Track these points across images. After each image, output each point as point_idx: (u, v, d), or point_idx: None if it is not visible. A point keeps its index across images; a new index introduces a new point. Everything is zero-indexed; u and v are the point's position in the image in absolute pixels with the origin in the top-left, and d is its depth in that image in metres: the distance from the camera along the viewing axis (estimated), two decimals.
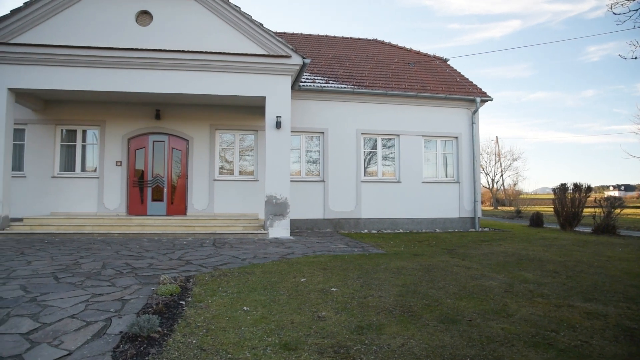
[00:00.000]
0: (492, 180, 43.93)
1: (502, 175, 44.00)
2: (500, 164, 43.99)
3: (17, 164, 12.58)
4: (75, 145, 13.16)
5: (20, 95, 11.41)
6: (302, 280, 5.92)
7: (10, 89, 10.77)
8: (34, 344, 3.59)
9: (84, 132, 13.24)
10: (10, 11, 10.44)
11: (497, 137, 46.58)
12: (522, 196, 37.15)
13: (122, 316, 4.27)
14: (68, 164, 13.12)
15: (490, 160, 44.30)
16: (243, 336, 3.76)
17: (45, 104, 12.79)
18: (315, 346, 3.57)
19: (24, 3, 10.51)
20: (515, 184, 43.33)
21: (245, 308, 4.57)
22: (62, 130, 13.14)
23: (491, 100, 14.83)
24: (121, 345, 3.56)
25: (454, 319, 4.32)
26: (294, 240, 10.69)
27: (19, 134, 12.59)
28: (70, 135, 13.21)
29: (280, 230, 11.16)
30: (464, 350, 3.54)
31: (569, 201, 15.23)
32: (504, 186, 44.13)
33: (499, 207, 38.01)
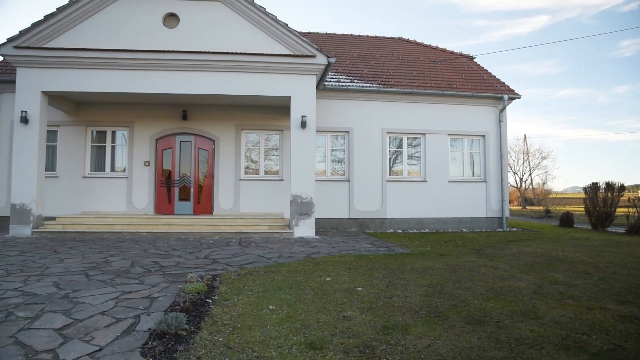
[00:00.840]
0: (520, 179, 43.14)
1: (530, 174, 43.17)
2: (529, 162, 43.17)
3: (50, 165, 12.95)
4: (105, 146, 13.48)
5: (53, 98, 11.74)
6: (328, 279, 5.92)
7: (43, 92, 11.11)
8: (66, 339, 3.69)
9: (114, 133, 13.55)
10: (44, 17, 10.75)
11: (525, 135, 45.69)
12: (551, 195, 36.32)
13: (151, 313, 4.35)
14: (98, 164, 13.44)
15: (518, 159, 43.53)
16: (269, 335, 3.79)
17: (76, 106, 13.13)
18: (340, 346, 3.57)
19: (57, 8, 10.81)
20: (544, 183, 42.41)
21: (270, 307, 4.60)
22: (92, 131, 13.47)
23: (519, 97, 14.55)
24: (150, 342, 3.62)
25: (481, 320, 4.26)
26: (319, 239, 10.71)
27: (51, 135, 12.97)
28: (101, 136, 13.53)
29: (305, 229, 11.19)
30: (492, 352, 3.49)
31: (601, 200, 14.82)
32: (532, 185, 43.28)
33: (527, 207, 37.25)
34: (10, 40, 10.71)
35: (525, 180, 43.38)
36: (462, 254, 8.48)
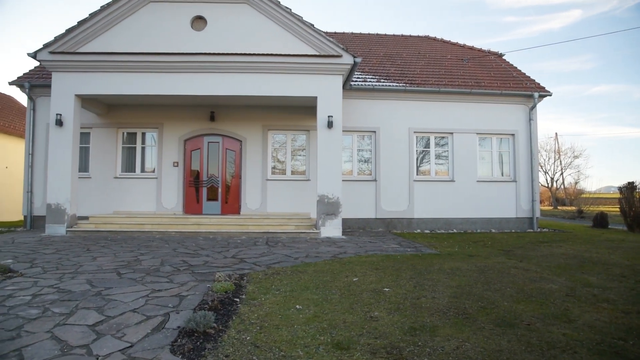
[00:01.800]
0: (552, 178, 42.10)
1: (562, 174, 42.10)
2: (560, 161, 42.10)
3: (84, 166, 13.31)
4: (135, 147, 13.77)
5: (86, 101, 12.07)
6: (354, 279, 5.91)
7: (77, 95, 11.43)
8: (99, 335, 3.80)
9: (144, 134, 13.84)
10: (77, 22, 11.06)
11: (556, 133, 44.60)
12: (584, 195, 35.35)
13: (180, 312, 4.42)
14: (129, 165, 13.75)
15: (549, 158, 42.49)
16: (296, 334, 3.81)
17: (108, 109, 13.46)
18: (367, 346, 3.56)
19: (89, 14, 11.11)
20: (576, 183, 41.31)
21: (297, 306, 4.62)
22: (123, 132, 13.79)
23: (550, 95, 14.22)
24: (179, 340, 3.69)
25: (511, 322, 4.18)
26: (345, 239, 10.70)
27: (84, 137, 13.33)
28: (131, 137, 13.83)
29: (332, 229, 11.20)
30: (522, 355, 3.42)
31: (638, 200, 14.36)
32: (564, 185, 42.19)
33: (558, 207, 36.38)
34: (46, 46, 11.06)
35: (557, 180, 42.36)
36: (491, 255, 8.35)
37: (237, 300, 4.86)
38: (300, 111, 13.46)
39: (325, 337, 3.75)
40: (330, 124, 11.33)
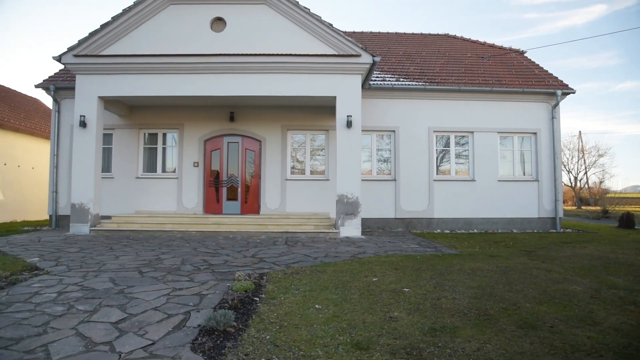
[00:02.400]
0: (575, 178, 41.23)
1: (586, 173, 41.21)
2: (584, 160, 41.22)
3: (106, 166, 13.55)
4: (156, 148, 13.97)
5: (109, 102, 12.28)
6: (374, 279, 5.89)
7: (100, 97, 11.65)
8: (122, 333, 3.87)
9: (164, 135, 14.02)
10: (100, 26, 11.27)
11: (580, 131, 43.68)
12: (609, 195, 34.56)
13: (200, 310, 4.47)
14: (150, 165, 13.94)
15: (572, 157, 41.61)
16: (315, 334, 3.81)
17: (130, 110, 13.67)
18: (387, 347, 3.55)
19: (111, 17, 11.31)
20: (601, 182, 40.37)
21: (317, 306, 4.63)
22: (144, 133, 13.99)
23: (573, 92, 13.94)
24: (199, 338, 3.73)
25: (533, 324, 4.12)
26: (365, 239, 10.67)
27: (107, 138, 13.56)
28: (152, 138, 14.03)
29: (351, 229, 11.18)
30: (545, 358, 3.37)
31: None
32: (588, 184, 41.29)
33: (582, 207, 35.65)
34: (70, 49, 11.29)
35: (581, 179, 41.48)
36: (513, 256, 8.23)
37: (257, 299, 4.89)
38: (319, 111, 13.47)
39: (344, 337, 3.74)
40: (349, 124, 11.31)
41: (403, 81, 13.83)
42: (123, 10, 11.32)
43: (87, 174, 11.45)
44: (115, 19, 11.28)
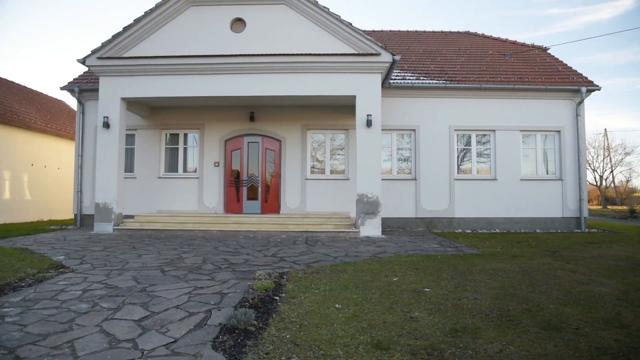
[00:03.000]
0: (600, 177, 40.26)
1: (612, 172, 40.22)
2: (610, 159, 40.23)
3: (129, 166, 13.77)
4: (177, 148, 14.14)
5: (131, 104, 12.48)
6: (394, 279, 5.86)
7: (122, 98, 11.84)
8: (145, 330, 3.93)
9: (186, 135, 14.18)
10: (123, 28, 11.46)
11: (605, 129, 42.49)
12: (636, 194, 33.77)
13: (221, 309, 4.51)
14: (172, 165, 14.13)
15: (597, 155, 40.64)
16: (335, 333, 3.81)
17: (152, 111, 13.86)
18: (407, 347, 3.52)
19: (134, 20, 11.49)
20: (627, 181, 39.45)
21: (337, 306, 4.62)
22: (166, 134, 14.18)
23: (599, 89, 13.64)
24: (220, 336, 3.77)
25: (557, 326, 4.04)
26: (385, 239, 10.63)
27: (130, 138, 13.78)
28: (174, 138, 14.21)
29: (371, 228, 11.14)
30: None
31: None
32: (614, 183, 40.34)
33: (608, 207, 34.88)
34: (94, 52, 11.51)
35: (606, 178, 40.50)
36: (536, 256, 8.10)
37: (277, 298, 4.91)
38: (339, 110, 13.46)
39: (364, 337, 3.73)
40: (369, 123, 11.27)
41: (423, 80, 13.72)
42: (145, 12, 11.49)
43: (111, 174, 11.65)
44: (137, 21, 11.46)
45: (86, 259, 7.46)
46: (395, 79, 13.53)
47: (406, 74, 14.12)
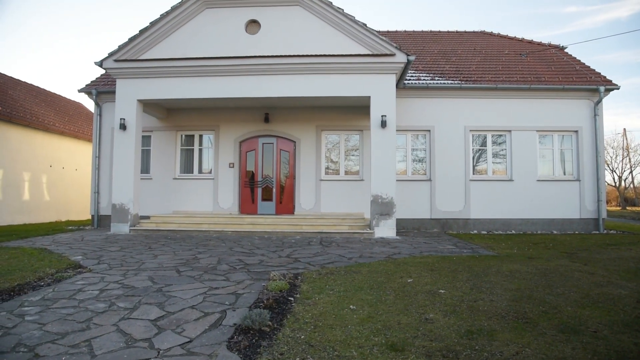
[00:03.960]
0: (620, 177, 39.61)
1: (631, 172, 39.53)
2: (629, 159, 39.55)
3: (145, 167, 13.93)
4: (193, 149, 14.26)
5: (147, 105, 12.61)
6: (409, 280, 5.83)
7: (139, 100, 11.97)
8: (160, 330, 3.97)
9: (201, 136, 14.30)
10: (139, 31, 11.59)
11: (624, 129, 41.81)
12: None
13: (236, 309, 4.54)
14: (187, 167, 14.25)
15: (616, 156, 40.00)
16: (350, 334, 3.81)
17: (167, 112, 14.00)
18: (422, 348, 3.50)
19: (150, 22, 11.62)
20: None
21: (351, 307, 4.62)
22: (181, 135, 14.31)
23: (618, 88, 13.42)
24: (235, 337, 3.78)
25: (575, 328, 3.98)
26: (400, 240, 10.58)
27: (146, 140, 13.94)
28: (189, 139, 14.33)
29: (386, 229, 11.11)
30: None
31: None
32: (633, 184, 39.69)
33: (627, 208, 34.30)
34: (111, 54, 11.66)
35: (625, 179, 39.85)
36: (553, 258, 7.99)
37: (292, 299, 4.92)
38: (353, 111, 13.45)
39: (379, 338, 3.72)
40: (383, 124, 11.24)
41: (438, 80, 13.64)
42: (161, 15, 11.61)
43: (127, 175, 11.79)
44: (153, 24, 11.58)
45: (103, 259, 7.56)
46: (410, 80, 13.48)
47: (421, 74, 14.05)
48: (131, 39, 11.59)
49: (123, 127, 11.79)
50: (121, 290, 5.32)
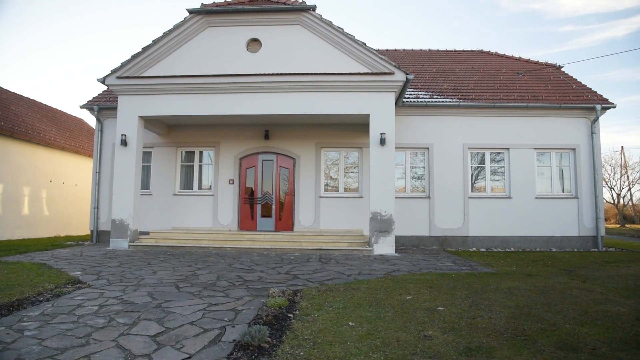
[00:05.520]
0: (618, 195, 39.65)
1: (629, 189, 39.62)
2: (627, 176, 39.67)
3: (145, 183, 13.98)
4: (193, 165, 14.33)
5: (149, 122, 12.71)
6: (408, 297, 5.84)
7: (140, 117, 12.07)
8: (160, 346, 3.97)
9: (201, 153, 14.37)
10: (142, 49, 11.74)
11: (622, 147, 42.05)
12: None
13: (235, 325, 4.54)
14: (187, 183, 14.30)
15: (614, 173, 40.10)
16: (349, 351, 3.81)
17: (168, 129, 14.10)
18: None
19: (152, 40, 11.77)
20: None
21: (350, 323, 4.63)
22: (182, 151, 14.39)
23: (614, 107, 13.56)
24: (234, 353, 3.79)
25: (574, 346, 4.00)
26: (399, 257, 10.59)
27: (146, 156, 14.01)
28: (189, 156, 14.41)
29: (385, 246, 11.11)
30: None
31: None
32: (632, 201, 39.70)
33: (626, 225, 34.29)
34: (113, 71, 11.80)
35: (624, 196, 39.91)
36: (552, 275, 8.00)
37: (291, 315, 4.93)
38: (352, 128, 13.56)
39: (378, 355, 3.73)
40: (382, 141, 11.33)
41: (437, 98, 13.79)
42: (163, 33, 11.77)
43: (127, 191, 11.83)
44: (155, 42, 11.73)
45: (102, 274, 7.56)
46: (408, 98, 13.62)
47: (420, 93, 14.20)
48: (134, 57, 11.74)
49: (124, 143, 11.86)
50: (120, 305, 5.32)
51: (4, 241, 14.58)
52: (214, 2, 11.96)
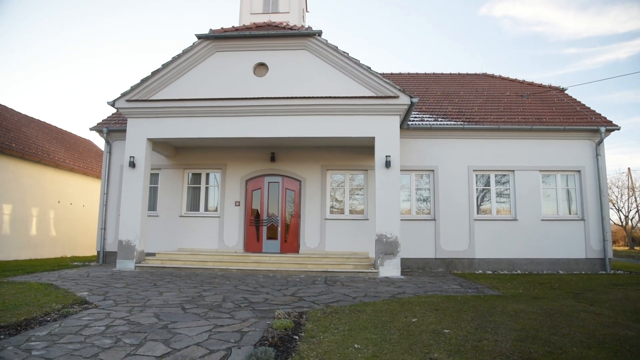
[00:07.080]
0: (626, 216, 39.35)
1: (637, 211, 39.30)
2: (635, 198, 39.43)
3: (152, 204, 14.09)
4: (199, 187, 14.44)
5: (156, 144, 12.88)
6: (414, 320, 5.83)
7: (148, 139, 12.25)
8: None
9: (207, 175, 14.50)
10: (151, 73, 11.99)
11: (629, 168, 41.83)
12: None
13: (241, 347, 4.56)
14: (193, 204, 14.39)
15: (621, 195, 39.88)
16: None
17: (175, 151, 14.27)
18: None
19: (162, 65, 12.02)
20: None
21: (356, 346, 4.63)
22: (189, 173, 14.52)
23: (618, 129, 13.61)
24: None
25: None
26: (404, 279, 10.55)
27: (154, 177, 14.15)
28: (196, 178, 14.54)
29: (390, 269, 11.09)
30: None
31: None
32: None
33: (635, 247, 33.93)
34: (123, 95, 12.04)
35: (632, 218, 39.56)
36: (559, 298, 7.95)
37: (296, 337, 4.94)
38: (358, 151, 13.66)
39: None
40: (388, 164, 11.41)
41: (441, 121, 13.90)
42: (172, 58, 12.02)
43: (135, 212, 11.93)
44: (165, 66, 11.98)
45: (109, 295, 7.59)
46: (413, 121, 13.74)
47: (424, 115, 14.33)
48: (143, 80, 11.98)
49: (132, 164, 12.01)
50: (127, 326, 5.35)
51: (11, 261, 14.66)
52: (222, 28, 12.23)
